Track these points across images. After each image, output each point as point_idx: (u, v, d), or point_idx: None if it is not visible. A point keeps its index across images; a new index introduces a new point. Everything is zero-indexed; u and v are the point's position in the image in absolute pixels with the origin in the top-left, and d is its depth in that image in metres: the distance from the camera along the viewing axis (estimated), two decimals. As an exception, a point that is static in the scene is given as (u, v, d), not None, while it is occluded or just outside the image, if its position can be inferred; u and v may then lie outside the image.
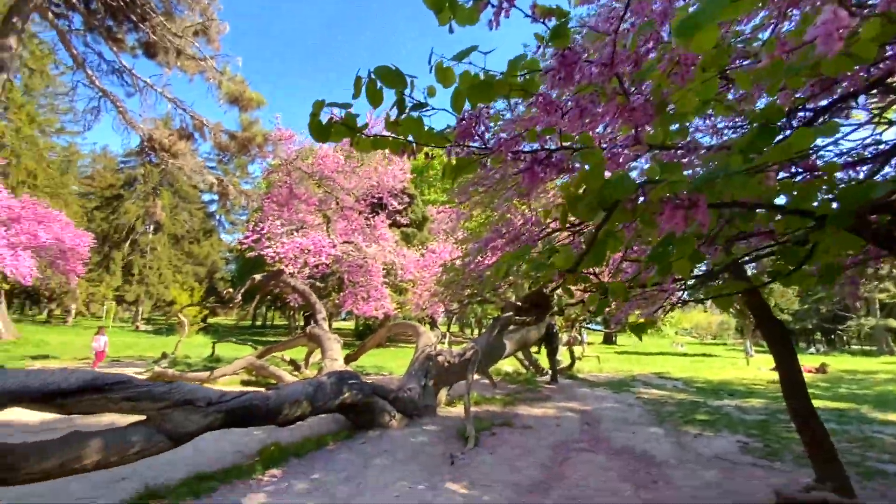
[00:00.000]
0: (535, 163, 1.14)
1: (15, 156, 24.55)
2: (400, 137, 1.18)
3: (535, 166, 1.14)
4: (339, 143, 11.19)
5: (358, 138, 1.18)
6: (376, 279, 13.97)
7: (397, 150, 1.22)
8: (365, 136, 1.19)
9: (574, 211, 1.02)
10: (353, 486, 4.55)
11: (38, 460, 2.95)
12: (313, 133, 1.16)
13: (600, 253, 1.11)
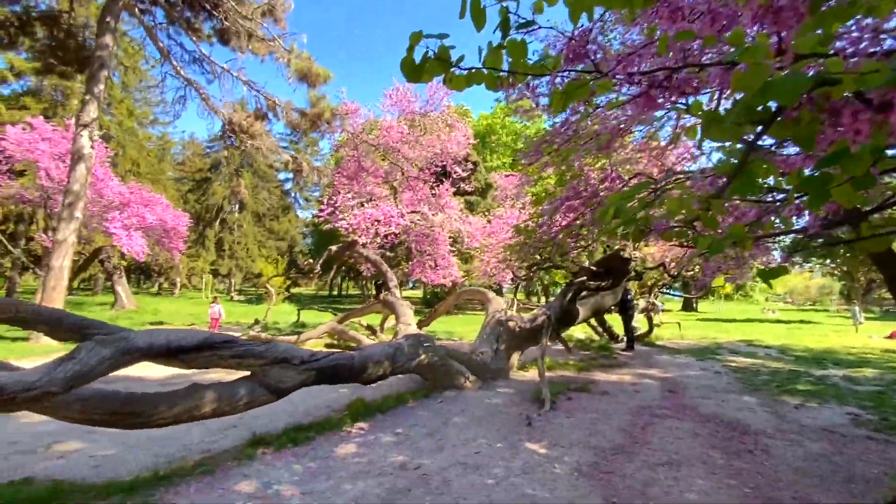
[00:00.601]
0: (653, 86, 0.99)
1: (120, 147, 27.62)
2: (496, 70, 1.08)
3: (652, 90, 1.00)
4: (429, 82, 11.07)
5: (451, 75, 1.11)
6: (443, 248, 14.14)
7: (494, 85, 1.13)
8: (458, 72, 1.11)
9: (711, 132, 0.87)
10: (435, 441, 4.75)
11: (168, 408, 3.38)
12: (406, 72, 1.11)
13: (749, 181, 0.94)
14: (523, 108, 6.25)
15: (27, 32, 12.80)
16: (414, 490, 3.59)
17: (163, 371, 7.84)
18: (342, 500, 3.40)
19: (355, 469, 3.96)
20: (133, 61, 27.56)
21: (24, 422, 5.02)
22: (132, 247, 17.69)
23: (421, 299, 34.33)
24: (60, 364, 2.53)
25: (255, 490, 3.50)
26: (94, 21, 14.05)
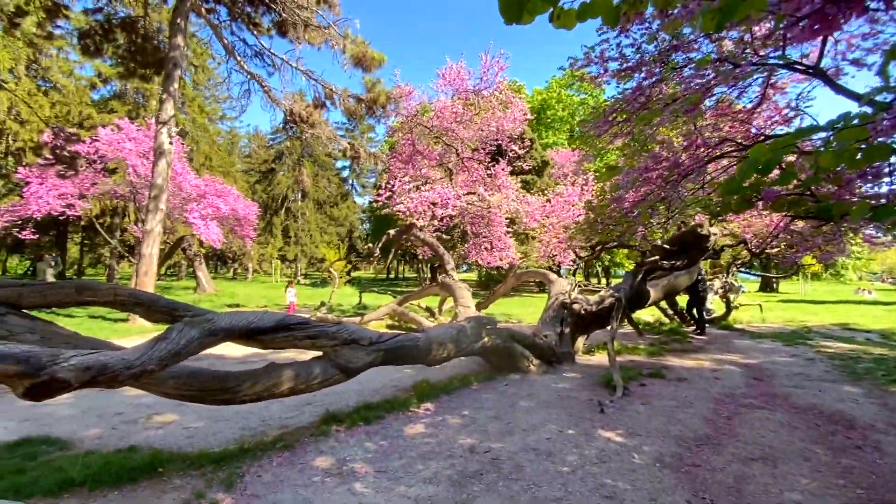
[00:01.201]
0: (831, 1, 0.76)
1: (195, 142, 29.70)
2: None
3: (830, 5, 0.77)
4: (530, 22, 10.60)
5: (560, 9, 0.93)
6: (499, 229, 13.86)
7: (614, 18, 0.93)
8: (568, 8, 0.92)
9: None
10: (503, 424, 4.66)
11: (251, 385, 3.54)
12: (505, 11, 0.95)
13: None
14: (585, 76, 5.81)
15: (110, 39, 13.93)
16: (486, 475, 3.53)
17: (241, 350, 8.39)
18: (414, 480, 3.41)
19: (425, 450, 3.97)
20: (201, 60, 29.31)
21: (126, 395, 5.56)
22: (209, 235, 19.10)
23: (476, 281, 34.29)
24: (155, 344, 2.69)
25: (331, 466, 3.61)
26: (167, 24, 14.99)
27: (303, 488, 3.23)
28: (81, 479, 3.11)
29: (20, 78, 19.93)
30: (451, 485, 3.35)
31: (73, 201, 16.94)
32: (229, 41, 13.82)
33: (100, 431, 4.31)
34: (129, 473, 3.27)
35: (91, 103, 24.55)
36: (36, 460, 3.51)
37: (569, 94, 36.96)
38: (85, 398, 5.28)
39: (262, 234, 40.00)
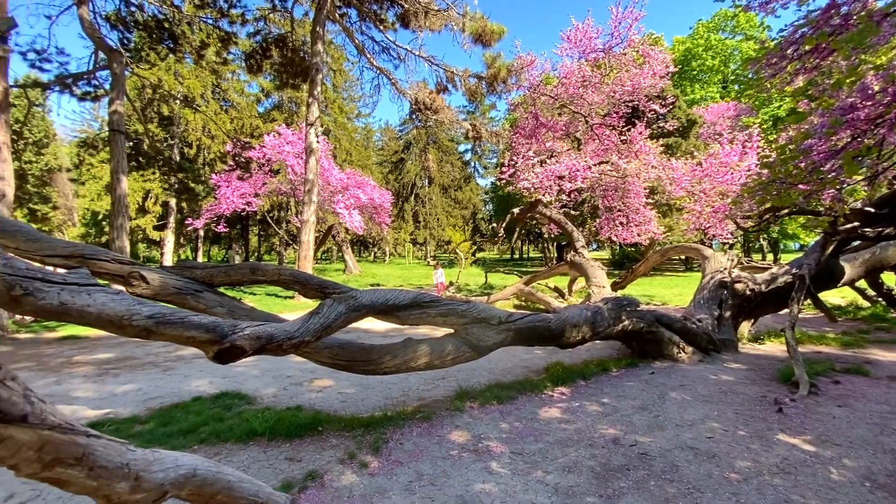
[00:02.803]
0: None
1: (336, 140, 33.12)
2: None
3: None
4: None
5: None
6: (636, 200, 12.51)
7: None
8: None
9: None
10: (651, 416, 4.18)
11: (391, 358, 3.75)
12: None
13: None
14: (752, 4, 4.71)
15: (267, 57, 16.15)
16: (634, 471, 3.18)
17: (384, 325, 9.14)
18: (552, 466, 3.24)
19: (563, 436, 3.75)
20: (338, 64, 32.34)
21: (294, 361, 6.46)
22: (353, 223, 21.28)
23: (609, 260, 31.94)
24: (310, 318, 2.98)
25: (467, 441, 3.63)
26: (309, 36, 16.78)
27: (441, 460, 3.32)
28: (262, 431, 3.67)
29: (208, 101, 24.54)
30: (594, 477, 3.09)
31: (250, 199, 20.43)
32: (360, 41, 14.87)
33: (275, 391, 5.08)
34: (297, 430, 3.75)
35: (257, 115, 29.08)
36: (231, 411, 4.27)
37: (720, 39, 31.36)
38: (264, 362, 6.30)
39: (396, 219, 43.17)
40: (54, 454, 0.83)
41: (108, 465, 0.92)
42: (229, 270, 3.70)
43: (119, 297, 1.94)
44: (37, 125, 32.69)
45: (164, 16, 15.51)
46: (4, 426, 0.75)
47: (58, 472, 0.85)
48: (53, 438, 0.82)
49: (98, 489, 0.92)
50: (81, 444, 0.87)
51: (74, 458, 0.86)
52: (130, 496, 0.97)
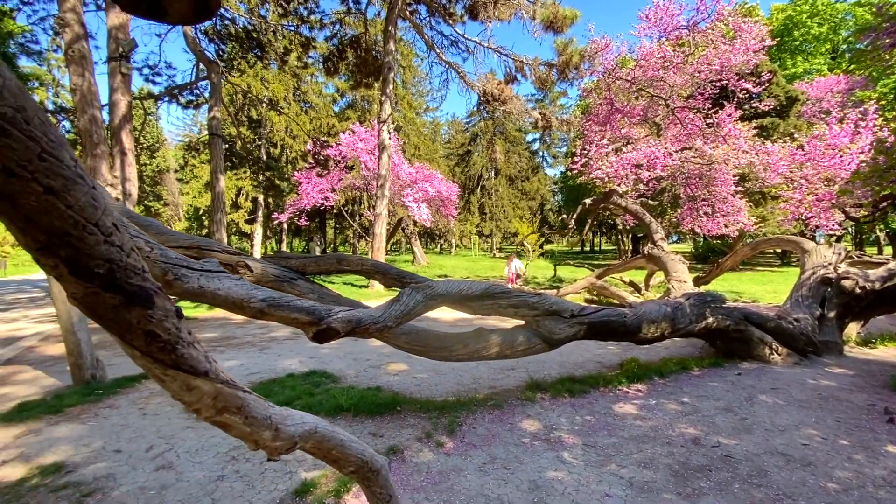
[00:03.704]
0: None
1: (406, 136, 34.01)
2: None
3: None
4: None
5: None
6: (724, 189, 11.52)
7: None
8: None
9: None
10: (737, 419, 3.95)
11: (463, 346, 3.91)
12: None
13: None
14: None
15: (342, 58, 17.00)
16: (716, 472, 3.06)
17: (451, 315, 9.39)
18: (627, 461, 3.21)
19: (637, 432, 3.68)
20: (407, 61, 33.07)
21: (372, 345, 6.90)
22: (421, 215, 21.89)
23: (691, 254, 29.70)
24: (391, 305, 3.21)
25: (539, 431, 3.70)
26: (381, 35, 17.38)
27: (513, 447, 3.42)
28: (347, 407, 4.02)
29: (290, 103, 26.36)
30: (672, 474, 3.03)
31: (328, 194, 21.79)
32: (429, 36, 15.13)
33: (356, 372, 5.49)
34: (378, 408, 4.06)
35: (334, 114, 30.70)
36: (319, 388, 4.71)
37: (829, 2, 27.51)
38: (345, 346, 6.79)
39: (462, 212, 43.48)
40: (223, 403, 1.06)
41: (257, 415, 1.14)
42: (319, 261, 4.07)
43: (240, 282, 2.28)
44: (150, 132, 37.24)
45: (253, 26, 16.91)
46: (194, 378, 0.98)
47: (225, 417, 1.08)
48: (223, 391, 1.05)
49: (250, 434, 1.15)
50: (240, 397, 1.09)
51: (236, 408, 1.09)
52: (272, 443, 1.20)
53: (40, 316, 9.61)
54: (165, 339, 0.89)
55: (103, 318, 0.80)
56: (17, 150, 0.55)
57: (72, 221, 0.63)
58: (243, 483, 2.89)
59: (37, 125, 0.56)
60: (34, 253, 0.65)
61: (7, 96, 0.52)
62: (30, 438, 3.57)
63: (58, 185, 0.60)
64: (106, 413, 4.08)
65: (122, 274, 0.74)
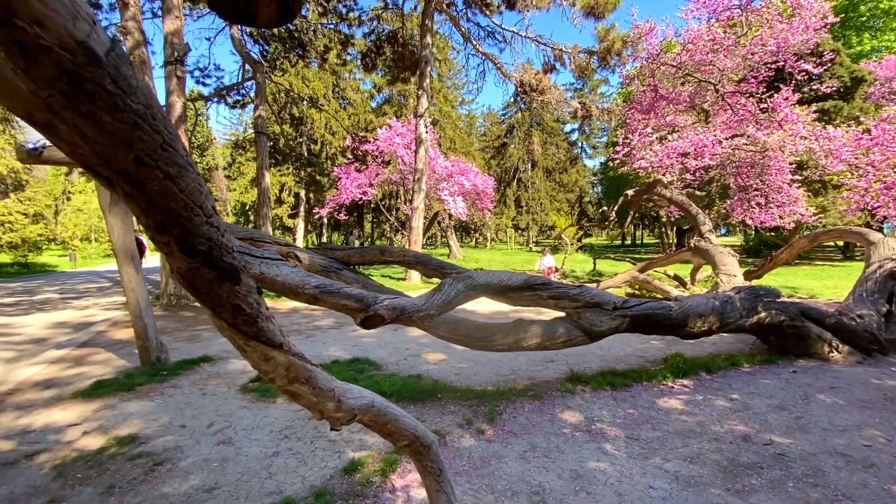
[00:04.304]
0: None
1: (441, 129, 34.08)
2: None
3: None
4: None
5: None
6: (779, 178, 10.84)
7: None
8: None
9: None
10: (791, 417, 3.78)
11: (503, 336, 3.95)
12: None
13: None
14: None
15: (380, 54, 17.22)
16: (768, 470, 2.96)
17: (487, 308, 9.42)
18: (672, 455, 3.16)
19: (683, 427, 3.61)
20: (443, 54, 33.05)
21: (410, 335, 7.05)
22: (457, 209, 21.93)
23: (741, 247, 28.20)
24: (433, 294, 3.30)
25: (580, 422, 3.70)
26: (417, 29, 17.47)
27: (553, 436, 3.44)
28: (391, 392, 4.16)
29: (330, 100, 27.02)
30: (720, 470, 2.96)
31: (365, 189, 22.23)
32: (466, 28, 15.05)
33: (396, 360, 5.65)
34: (419, 395, 4.17)
35: (371, 110, 31.21)
36: (363, 374, 4.89)
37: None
38: (385, 335, 6.98)
39: (497, 205, 43.16)
40: (294, 374, 1.16)
41: (323, 387, 1.24)
42: (363, 252, 4.22)
43: (295, 270, 2.42)
44: (200, 131, 39.25)
45: (294, 26, 17.42)
46: (270, 349, 1.08)
47: (295, 387, 1.19)
48: (295, 362, 1.15)
49: (316, 404, 1.25)
50: (309, 369, 1.19)
51: (305, 379, 1.19)
52: (334, 413, 1.29)
53: (108, 304, 10.44)
54: (248, 312, 0.99)
55: (199, 292, 0.91)
56: (146, 141, 0.64)
57: (183, 204, 0.73)
58: (296, 459, 3.07)
59: (160, 119, 0.66)
60: (151, 231, 0.75)
61: (140, 94, 0.62)
62: (106, 412, 3.94)
63: (174, 171, 0.69)
64: (170, 392, 4.42)
65: (218, 252, 0.84)
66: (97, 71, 0.56)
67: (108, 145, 0.62)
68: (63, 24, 0.51)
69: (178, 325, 7.98)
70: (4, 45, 0.50)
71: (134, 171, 0.65)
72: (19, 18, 0.48)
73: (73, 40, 0.53)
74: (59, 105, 0.57)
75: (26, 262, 23.43)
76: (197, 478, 2.85)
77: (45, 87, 0.55)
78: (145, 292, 5.08)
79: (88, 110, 0.58)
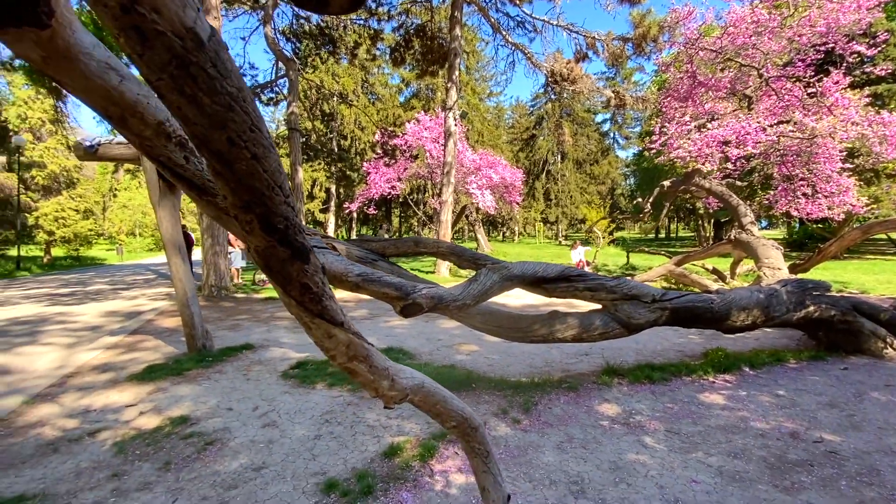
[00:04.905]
0: None
1: (469, 122, 33.93)
2: None
3: None
4: None
5: None
6: (828, 166, 10.25)
7: None
8: None
9: None
10: (843, 415, 3.61)
11: (539, 327, 3.94)
12: None
13: None
14: None
15: (409, 48, 17.27)
16: (819, 467, 2.85)
17: (517, 301, 9.38)
18: (715, 450, 3.08)
19: (726, 422, 3.51)
20: (471, 46, 32.81)
21: (442, 326, 7.11)
22: (485, 202, 21.83)
23: (784, 240, 26.87)
24: (470, 284, 3.32)
25: (617, 415, 3.65)
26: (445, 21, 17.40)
27: (591, 428, 3.41)
28: (426, 382, 4.21)
29: (359, 95, 27.34)
30: (767, 467, 2.86)
31: (394, 183, 22.43)
32: (495, 18, 14.88)
33: (429, 350, 5.71)
34: (454, 384, 4.21)
35: (399, 105, 31.39)
36: (398, 363, 4.97)
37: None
38: (417, 326, 7.07)
39: (526, 198, 42.69)
40: (354, 351, 1.20)
41: (378, 366, 1.28)
42: (398, 243, 4.28)
43: (339, 258, 2.49)
44: (235, 129, 40.47)
45: (325, 23, 17.69)
46: (333, 327, 1.13)
47: (354, 365, 1.23)
48: (354, 340, 1.19)
49: (372, 382, 1.29)
50: (366, 347, 1.24)
51: (363, 357, 1.23)
52: (388, 392, 1.34)
53: (154, 294, 10.99)
54: (315, 291, 1.04)
55: (272, 270, 0.96)
56: (237, 122, 0.68)
57: (267, 184, 0.77)
58: (337, 443, 3.17)
59: (249, 102, 0.70)
60: (236, 210, 0.80)
61: (233, 78, 0.66)
62: (159, 395, 4.17)
63: (260, 152, 0.73)
64: (216, 377, 4.64)
65: (293, 231, 0.88)
66: (201, 55, 0.60)
67: (205, 126, 0.66)
68: (176, 11, 0.56)
69: (219, 314, 8.32)
70: (125, 30, 0.55)
71: (226, 151, 0.70)
72: (140, 5, 0.53)
73: (183, 26, 0.57)
74: (167, 88, 0.61)
75: (78, 256, 24.94)
76: (245, 457, 2.99)
77: (157, 70, 0.59)
78: (192, 283, 5.33)
79: (192, 92, 0.62)
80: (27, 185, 22.51)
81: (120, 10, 0.52)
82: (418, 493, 2.57)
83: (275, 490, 2.60)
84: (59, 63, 0.98)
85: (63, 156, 24.03)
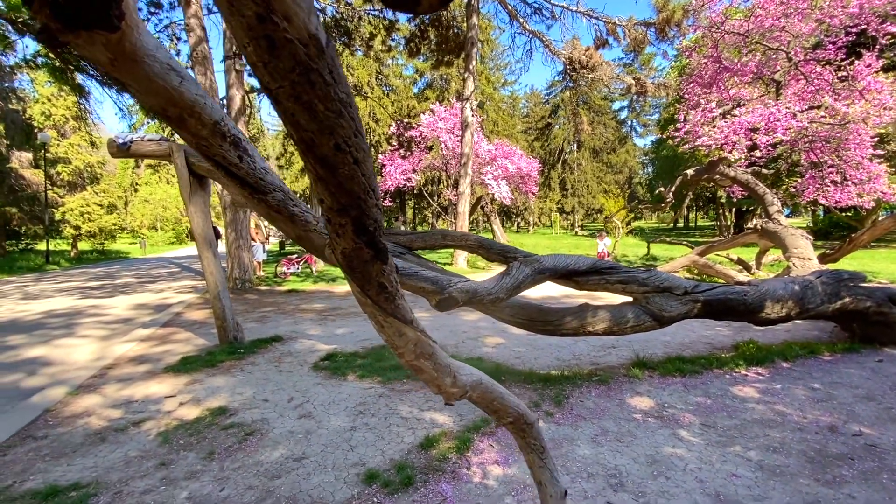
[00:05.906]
0: None
1: (484, 112, 33.61)
2: None
3: None
4: None
5: None
6: (859, 152, 9.92)
7: None
8: None
9: None
10: (881, 408, 3.54)
11: (570, 319, 3.92)
12: None
13: None
14: None
15: (424, 38, 17.10)
16: (859, 461, 2.80)
17: (537, 295, 9.33)
18: (752, 444, 3.05)
19: (762, 416, 3.46)
20: (485, 35, 32.36)
21: (465, 319, 7.13)
22: (501, 193, 21.70)
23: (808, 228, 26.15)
24: (502, 278, 3.31)
25: (650, 408, 3.63)
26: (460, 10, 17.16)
27: (624, 421, 3.40)
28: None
29: (373, 87, 27.25)
30: (808, 461, 2.83)
31: (409, 175, 22.42)
32: (512, 6, 14.63)
33: (455, 343, 5.74)
34: (483, 376, 4.23)
35: (413, 96, 31.22)
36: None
37: None
38: (440, 318, 7.10)
39: (541, 188, 42.28)
40: (421, 349, 1.22)
41: (442, 363, 1.30)
42: (425, 236, 4.29)
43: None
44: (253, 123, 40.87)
45: (340, 14, 17.62)
46: (403, 325, 1.14)
47: (420, 362, 1.25)
48: (421, 338, 1.20)
49: (436, 378, 1.31)
50: (432, 345, 1.25)
51: (429, 354, 1.24)
52: (450, 388, 1.35)
53: (180, 287, 11.25)
54: (389, 290, 1.05)
55: (354, 271, 0.97)
56: (345, 128, 0.69)
57: (363, 187, 0.77)
58: (373, 434, 3.22)
59: (354, 108, 0.70)
60: (331, 213, 0.81)
61: (344, 84, 0.66)
62: (196, 386, 4.29)
63: (361, 157, 0.74)
64: (249, 368, 4.74)
65: (378, 233, 0.89)
66: (321, 62, 0.60)
67: (314, 132, 0.67)
68: (303, 18, 0.56)
69: (245, 307, 8.48)
70: (256, 39, 0.55)
71: (332, 156, 0.70)
72: (275, 14, 0.53)
73: (308, 33, 0.57)
74: (285, 95, 0.62)
75: (103, 250, 25.61)
76: (285, 448, 3.07)
77: (279, 78, 0.60)
78: (223, 276, 5.44)
79: (308, 99, 0.63)
80: (53, 181, 23.13)
81: (256, 19, 0.53)
82: (458, 485, 2.60)
83: (317, 480, 2.67)
84: (126, 65, 1.00)
85: (87, 152, 24.59)
